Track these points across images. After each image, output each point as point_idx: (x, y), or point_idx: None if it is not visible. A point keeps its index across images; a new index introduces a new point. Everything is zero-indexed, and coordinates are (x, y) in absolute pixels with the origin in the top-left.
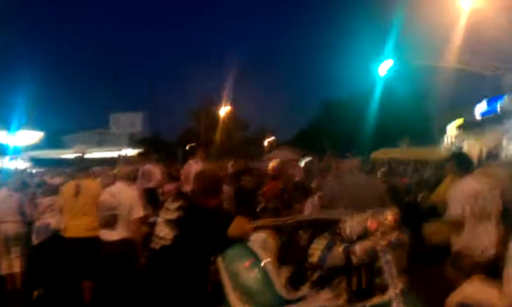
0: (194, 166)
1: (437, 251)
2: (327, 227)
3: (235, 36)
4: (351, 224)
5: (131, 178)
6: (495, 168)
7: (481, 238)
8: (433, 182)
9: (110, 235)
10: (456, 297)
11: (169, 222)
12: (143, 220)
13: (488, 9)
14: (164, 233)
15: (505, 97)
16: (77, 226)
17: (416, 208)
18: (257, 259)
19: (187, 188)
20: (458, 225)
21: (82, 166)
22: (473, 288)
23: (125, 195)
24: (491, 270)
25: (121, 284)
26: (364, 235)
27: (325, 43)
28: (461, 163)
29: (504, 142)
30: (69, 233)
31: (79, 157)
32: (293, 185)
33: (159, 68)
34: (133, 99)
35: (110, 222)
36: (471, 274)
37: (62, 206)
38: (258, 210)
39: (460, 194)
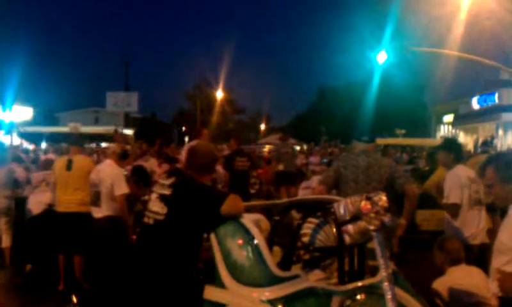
0: None
1: (429, 237)
2: (320, 208)
3: (234, 21)
4: (344, 205)
5: (121, 156)
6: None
7: (471, 224)
8: (428, 170)
9: (96, 212)
10: (444, 281)
11: (163, 197)
12: (135, 198)
13: (489, 1)
14: (157, 208)
15: (503, 89)
16: (69, 201)
17: None
18: (251, 237)
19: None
20: (456, 211)
21: (75, 141)
22: (461, 274)
23: (107, 172)
24: (477, 257)
25: (109, 260)
26: (357, 215)
27: (325, 31)
28: (453, 151)
29: (500, 133)
30: (61, 208)
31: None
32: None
33: (156, 48)
34: (130, 79)
35: (94, 199)
36: (456, 258)
37: (54, 181)
38: (253, 191)
39: (457, 180)
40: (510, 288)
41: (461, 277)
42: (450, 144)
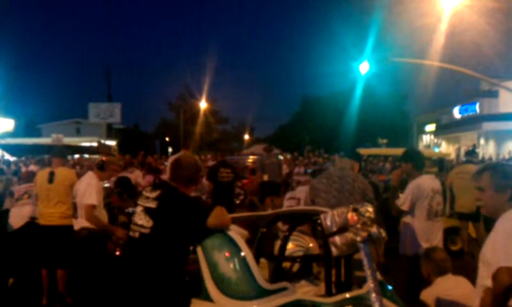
0: None
1: None
2: (307, 219)
3: (217, 32)
4: (331, 216)
5: (99, 167)
6: (471, 166)
7: (430, 235)
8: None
9: (75, 224)
10: (431, 292)
11: (148, 210)
12: (119, 210)
13: (469, 13)
14: (143, 221)
15: (484, 99)
16: (51, 214)
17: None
18: (237, 250)
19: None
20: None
21: (58, 153)
22: (448, 285)
23: (82, 183)
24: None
25: (88, 273)
26: (344, 227)
27: (308, 42)
28: (411, 161)
29: (482, 142)
30: (43, 221)
31: (55, 144)
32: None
33: (139, 59)
34: (112, 90)
35: (73, 211)
36: (443, 268)
37: (37, 194)
38: (238, 202)
39: (417, 191)
40: (488, 303)
41: (449, 287)
42: (409, 154)
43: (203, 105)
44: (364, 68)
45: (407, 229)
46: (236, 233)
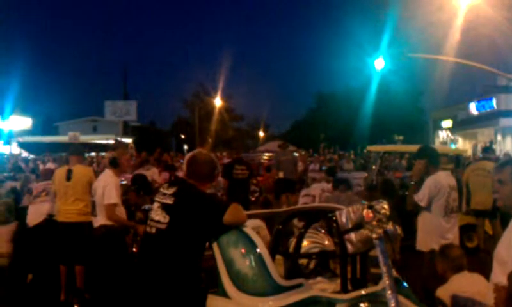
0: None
1: None
2: (322, 216)
3: (232, 29)
4: (347, 213)
5: (111, 164)
6: (487, 163)
7: (446, 232)
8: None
9: (94, 222)
10: (447, 289)
11: (165, 206)
12: (136, 207)
13: (485, 8)
14: (159, 217)
15: (501, 94)
16: (69, 211)
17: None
18: (253, 246)
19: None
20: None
21: (75, 151)
22: (464, 282)
23: (100, 181)
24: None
25: (107, 270)
26: (359, 224)
27: (323, 37)
28: (424, 158)
29: (499, 138)
30: (61, 218)
31: (72, 142)
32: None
33: (154, 58)
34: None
35: (92, 209)
36: (459, 265)
37: (55, 191)
38: (253, 198)
39: (434, 187)
40: (502, 301)
41: (465, 284)
42: (423, 151)
43: (218, 102)
44: (379, 63)
45: (423, 226)
46: (253, 224)
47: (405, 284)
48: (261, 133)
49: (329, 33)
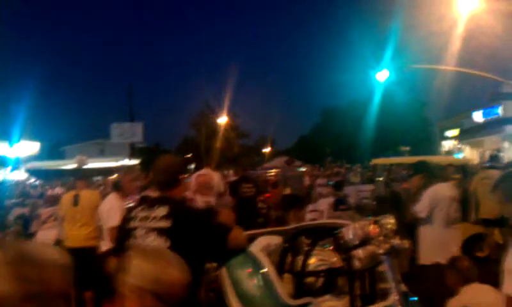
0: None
1: None
2: (329, 233)
3: (235, 46)
4: (353, 229)
5: (113, 187)
6: (494, 172)
7: (448, 243)
8: None
9: (102, 246)
10: (458, 301)
11: (161, 231)
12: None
13: (486, 16)
14: (157, 242)
15: (507, 101)
16: (76, 236)
17: None
18: (259, 266)
19: (200, 197)
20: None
21: (82, 176)
22: (474, 293)
23: (104, 205)
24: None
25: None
26: (366, 240)
27: (325, 51)
28: (420, 172)
29: (506, 145)
30: (69, 243)
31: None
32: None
33: (158, 78)
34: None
35: (100, 233)
36: (469, 276)
37: (62, 217)
38: (261, 219)
39: (433, 198)
40: None
41: (475, 296)
42: (419, 166)
43: (223, 120)
44: (382, 75)
45: (425, 239)
46: (275, 241)
47: (414, 298)
48: (267, 149)
49: (332, 48)
